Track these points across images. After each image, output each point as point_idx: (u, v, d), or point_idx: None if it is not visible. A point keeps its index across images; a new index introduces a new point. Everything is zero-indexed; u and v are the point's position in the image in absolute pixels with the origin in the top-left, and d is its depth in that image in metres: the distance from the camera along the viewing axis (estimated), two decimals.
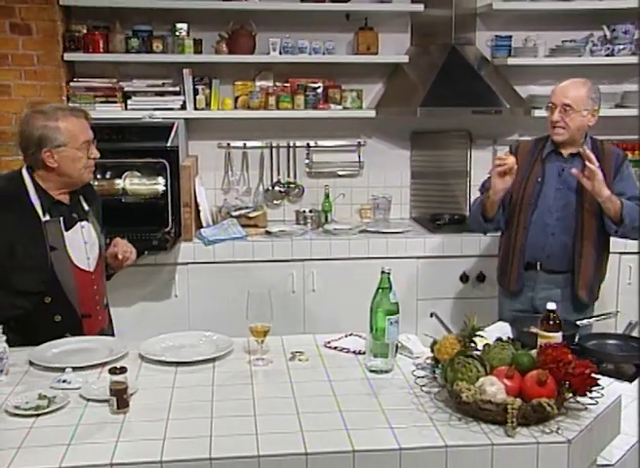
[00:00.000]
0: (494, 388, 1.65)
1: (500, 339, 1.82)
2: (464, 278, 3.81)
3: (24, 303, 2.28)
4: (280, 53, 3.88)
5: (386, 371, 1.96)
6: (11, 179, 2.35)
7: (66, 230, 2.33)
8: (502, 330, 2.73)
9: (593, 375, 1.66)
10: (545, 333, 2.33)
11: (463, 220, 4.11)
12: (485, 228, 3.15)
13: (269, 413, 1.72)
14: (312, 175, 4.19)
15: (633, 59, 4.04)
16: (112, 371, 1.76)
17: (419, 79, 4.00)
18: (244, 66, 3.94)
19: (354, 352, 2.11)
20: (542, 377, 1.63)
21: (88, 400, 1.80)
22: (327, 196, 4.08)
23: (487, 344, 1.81)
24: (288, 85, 3.99)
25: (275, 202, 4.17)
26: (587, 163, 2.75)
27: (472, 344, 1.80)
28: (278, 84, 4.00)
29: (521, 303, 3.03)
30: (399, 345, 2.09)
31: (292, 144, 4.13)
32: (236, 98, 3.98)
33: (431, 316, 3.43)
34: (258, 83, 3.97)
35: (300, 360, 2.06)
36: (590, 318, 2.81)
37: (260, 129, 4.07)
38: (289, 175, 4.16)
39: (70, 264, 2.32)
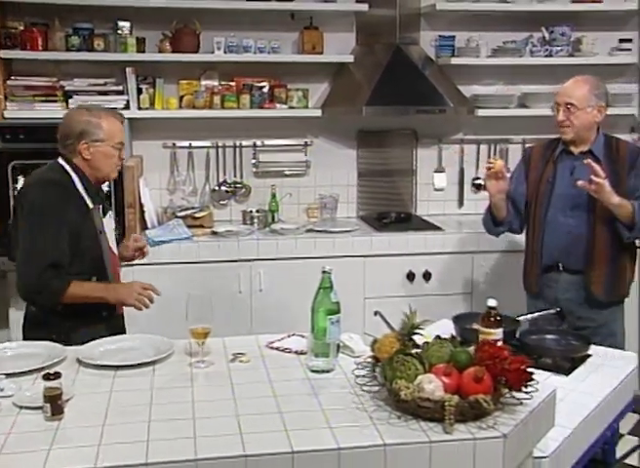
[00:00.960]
0: (431, 386, 1.66)
1: (438, 337, 1.83)
2: (411, 276, 3.84)
3: None
4: (225, 52, 3.85)
5: (327, 371, 1.96)
6: (55, 170, 2.50)
7: (103, 216, 2.58)
8: (447, 327, 2.77)
9: (528, 371, 1.69)
10: (486, 330, 2.36)
11: (410, 219, 4.16)
12: (496, 231, 3.16)
13: (208, 416, 1.70)
14: (259, 174, 4.17)
15: (571, 61, 4.14)
16: (46, 377, 1.71)
17: (364, 78, 4.02)
18: (188, 65, 3.90)
19: (296, 352, 2.11)
20: (479, 374, 1.65)
21: (21, 407, 1.75)
22: (274, 196, 4.07)
23: (426, 342, 1.82)
24: (233, 84, 3.96)
25: (222, 202, 4.14)
26: (593, 176, 2.71)
27: (411, 342, 1.81)
28: (223, 83, 3.96)
29: (545, 304, 2.98)
30: (341, 345, 2.10)
31: (238, 144, 4.10)
32: (181, 98, 3.93)
33: (375, 314, 3.44)
34: (203, 82, 3.93)
35: (241, 361, 2.04)
36: (530, 314, 2.85)
37: (205, 128, 4.03)
38: (235, 175, 4.13)
39: (108, 247, 2.57)
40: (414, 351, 1.79)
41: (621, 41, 4.20)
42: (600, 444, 2.32)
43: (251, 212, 4.01)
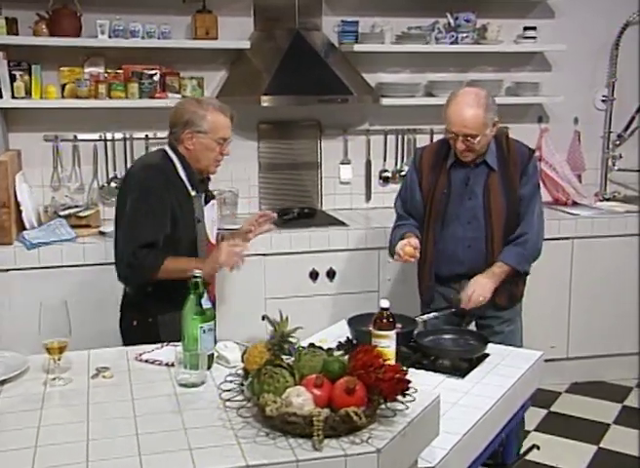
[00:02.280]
0: (300, 399, 1.59)
1: (311, 345, 1.76)
2: (314, 275, 3.78)
3: None
4: (110, 36, 3.68)
5: (198, 385, 1.86)
6: (160, 157, 2.64)
7: (205, 205, 2.68)
8: (344, 329, 2.72)
9: (404, 379, 1.64)
10: (378, 332, 2.33)
11: (314, 214, 4.09)
12: None
13: (53, 443, 1.58)
14: None
15: (476, 48, 4.16)
16: None
17: (262, 66, 3.93)
18: (69, 51, 3.70)
19: (167, 364, 2.00)
20: (350, 385, 1.59)
21: None
22: None
23: (299, 351, 1.75)
24: (121, 72, 3.79)
25: (112, 199, 3.96)
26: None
27: (282, 352, 1.74)
28: (110, 71, 3.80)
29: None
30: (215, 354, 2.01)
31: (129, 136, 3.95)
32: (63, 86, 3.74)
33: (263, 319, 3.36)
34: (87, 69, 3.76)
35: (104, 377, 1.93)
36: (428, 313, 2.83)
37: (92, 120, 3.85)
38: (126, 170, 3.96)
39: (205, 236, 2.68)
40: (285, 361, 1.71)
41: (526, 29, 4.25)
42: (495, 446, 2.31)
43: None
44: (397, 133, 4.32)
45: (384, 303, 2.35)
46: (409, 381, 1.65)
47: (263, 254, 3.70)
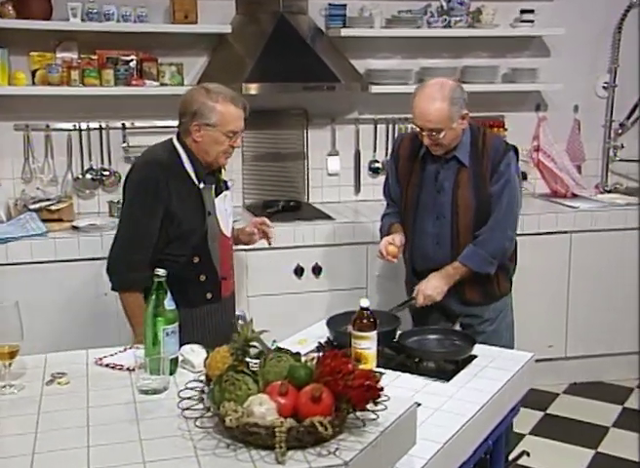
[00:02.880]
0: (262, 408, 1.53)
1: (278, 348, 1.70)
2: (299, 271, 3.72)
3: (176, 263, 2.54)
4: (83, 19, 3.62)
5: (159, 392, 1.80)
6: (167, 150, 2.61)
7: (215, 197, 2.64)
8: (325, 329, 2.66)
9: (374, 386, 1.58)
10: (358, 333, 2.28)
11: (299, 207, 4.04)
12: None
13: None
14: (130, 160, 3.93)
15: (470, 32, 4.09)
16: None
17: (245, 51, 3.86)
18: (40, 34, 3.62)
19: (128, 369, 1.94)
20: (316, 393, 1.53)
21: None
22: None
23: (264, 356, 1.69)
24: (95, 58, 3.73)
25: (87, 191, 3.91)
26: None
27: (246, 357, 1.67)
28: (84, 56, 3.73)
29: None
30: (180, 358, 1.95)
31: (105, 126, 3.88)
32: (33, 73, 3.67)
33: (237, 319, 3.31)
34: (58, 55, 3.69)
35: (59, 383, 1.86)
36: (399, 306, 2.80)
37: (64, 108, 3.78)
38: (103, 162, 3.91)
39: (218, 229, 2.65)
40: (250, 367, 1.65)
41: (523, 12, 4.17)
42: (481, 454, 2.26)
43: (118, 202, 3.78)
44: (387, 122, 4.25)
45: (364, 302, 2.30)
46: (380, 388, 1.59)
47: (245, 250, 3.62)
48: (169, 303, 1.89)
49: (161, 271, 1.91)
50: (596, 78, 4.52)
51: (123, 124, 3.91)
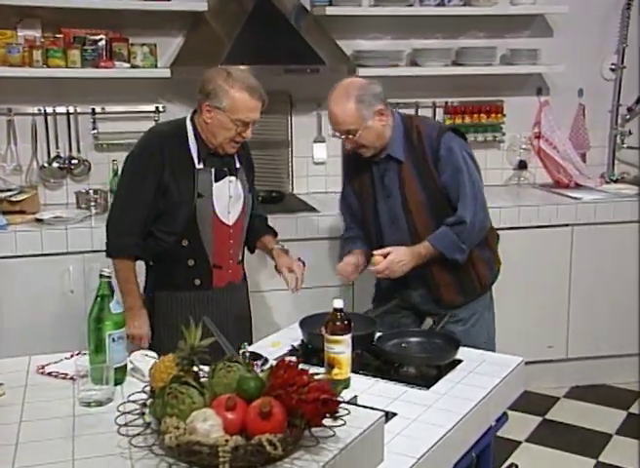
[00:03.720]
0: (206, 425, 1.45)
1: (228, 359, 1.62)
2: None
3: (165, 242, 2.67)
4: None
5: (102, 404, 1.73)
6: (175, 125, 2.73)
7: (215, 181, 2.66)
8: (297, 332, 2.59)
9: (331, 400, 1.50)
10: (331, 337, 2.21)
11: (282, 198, 3.97)
12: None
13: None
14: (100, 147, 3.89)
15: (466, 10, 4.01)
16: None
17: (223, 32, 3.81)
18: None
19: (72, 378, 1.86)
20: (264, 408, 1.45)
21: None
22: (116, 173, 3.79)
23: (214, 366, 1.61)
24: (60, 36, 3.65)
25: (54, 181, 3.85)
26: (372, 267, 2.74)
27: (192, 367, 1.60)
28: (47, 35, 3.65)
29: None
30: (130, 366, 1.87)
31: (73, 111, 3.82)
32: None
33: (202, 322, 3.24)
34: (20, 33, 3.61)
35: None
36: (379, 307, 2.76)
37: (28, 91, 3.72)
38: (71, 149, 3.85)
39: (212, 214, 2.67)
40: (198, 378, 1.57)
41: None
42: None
43: (87, 193, 3.73)
44: None
45: (338, 303, 2.23)
46: (338, 402, 1.51)
47: None
48: (115, 306, 1.81)
49: (106, 270, 1.83)
50: (602, 59, 4.44)
51: (93, 109, 3.84)
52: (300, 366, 2.25)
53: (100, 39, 3.69)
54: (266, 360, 2.37)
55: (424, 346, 2.49)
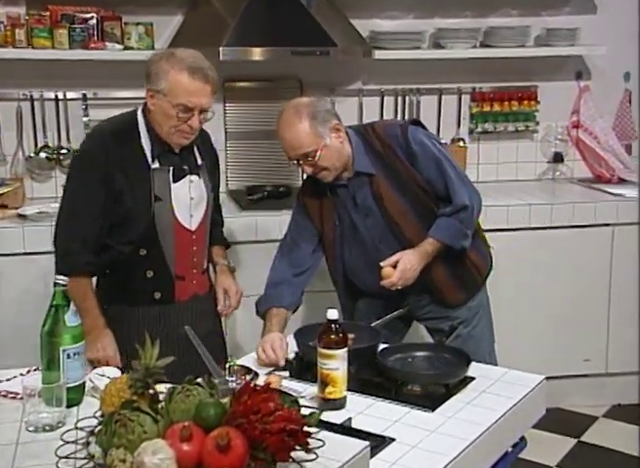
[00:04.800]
0: (156, 458, 1.36)
1: (189, 381, 1.53)
2: None
3: (120, 252, 2.53)
4: None
5: (53, 428, 1.65)
6: (122, 119, 2.61)
7: (174, 182, 2.55)
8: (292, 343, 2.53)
9: (299, 431, 1.40)
10: (324, 351, 2.14)
11: (289, 194, 3.91)
12: None
13: None
14: None
15: None
16: None
17: (225, 10, 3.78)
18: None
19: (22, 398, 1.79)
20: (222, 441, 1.36)
21: None
22: None
23: (173, 389, 1.52)
24: (46, 14, 3.62)
25: (41, 173, 3.82)
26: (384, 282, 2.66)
27: (147, 390, 1.51)
28: (32, 12, 3.62)
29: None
30: (90, 385, 1.80)
31: (62, 96, 3.79)
32: None
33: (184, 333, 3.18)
34: (2, 10, 3.60)
35: None
36: (384, 317, 2.69)
37: (12, 74, 3.69)
38: (60, 138, 3.82)
39: (172, 219, 2.56)
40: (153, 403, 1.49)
41: None
42: None
43: None
44: (396, 93, 4.15)
45: (332, 314, 2.16)
46: (306, 434, 1.42)
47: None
48: (71, 318, 1.74)
49: (61, 279, 1.75)
50: None
51: (84, 94, 3.81)
52: (284, 383, 2.25)
53: (91, 18, 3.66)
54: (256, 374, 2.33)
55: (432, 361, 2.43)
